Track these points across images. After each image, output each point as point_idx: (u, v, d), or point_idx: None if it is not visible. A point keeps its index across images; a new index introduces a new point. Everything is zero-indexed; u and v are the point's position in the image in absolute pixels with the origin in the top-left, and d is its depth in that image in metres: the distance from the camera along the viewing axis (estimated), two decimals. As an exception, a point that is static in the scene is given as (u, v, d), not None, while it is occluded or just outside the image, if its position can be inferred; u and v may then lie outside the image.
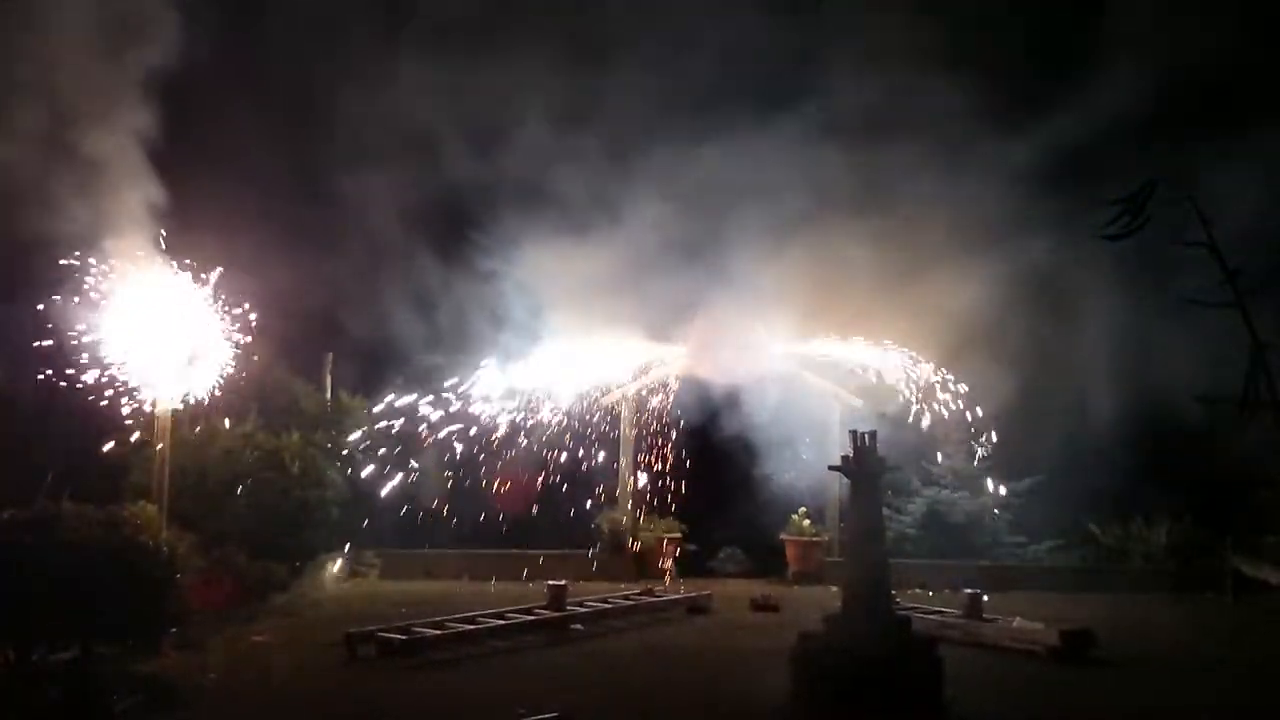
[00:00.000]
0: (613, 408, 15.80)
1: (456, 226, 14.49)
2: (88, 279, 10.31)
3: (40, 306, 10.40)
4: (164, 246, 10.66)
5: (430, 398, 14.23)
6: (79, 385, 10.37)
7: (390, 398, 14.47)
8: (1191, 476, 13.98)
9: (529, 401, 14.64)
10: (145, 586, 8.47)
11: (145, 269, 10.55)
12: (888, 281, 13.48)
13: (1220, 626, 12.20)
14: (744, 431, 14.70)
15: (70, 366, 10.28)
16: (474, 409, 14.28)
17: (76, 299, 10.18)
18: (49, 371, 10.27)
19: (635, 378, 15.71)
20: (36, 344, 10.33)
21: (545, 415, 14.81)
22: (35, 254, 10.20)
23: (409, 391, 14.47)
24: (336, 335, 14.95)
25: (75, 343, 10.26)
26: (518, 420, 14.56)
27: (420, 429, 14.16)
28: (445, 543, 15.02)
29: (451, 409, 14.14)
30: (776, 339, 15.00)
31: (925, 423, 14.91)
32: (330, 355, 15.29)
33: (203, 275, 10.96)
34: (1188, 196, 2.46)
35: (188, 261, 10.88)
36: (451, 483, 14.59)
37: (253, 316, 11.25)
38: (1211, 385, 2.80)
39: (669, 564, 15.63)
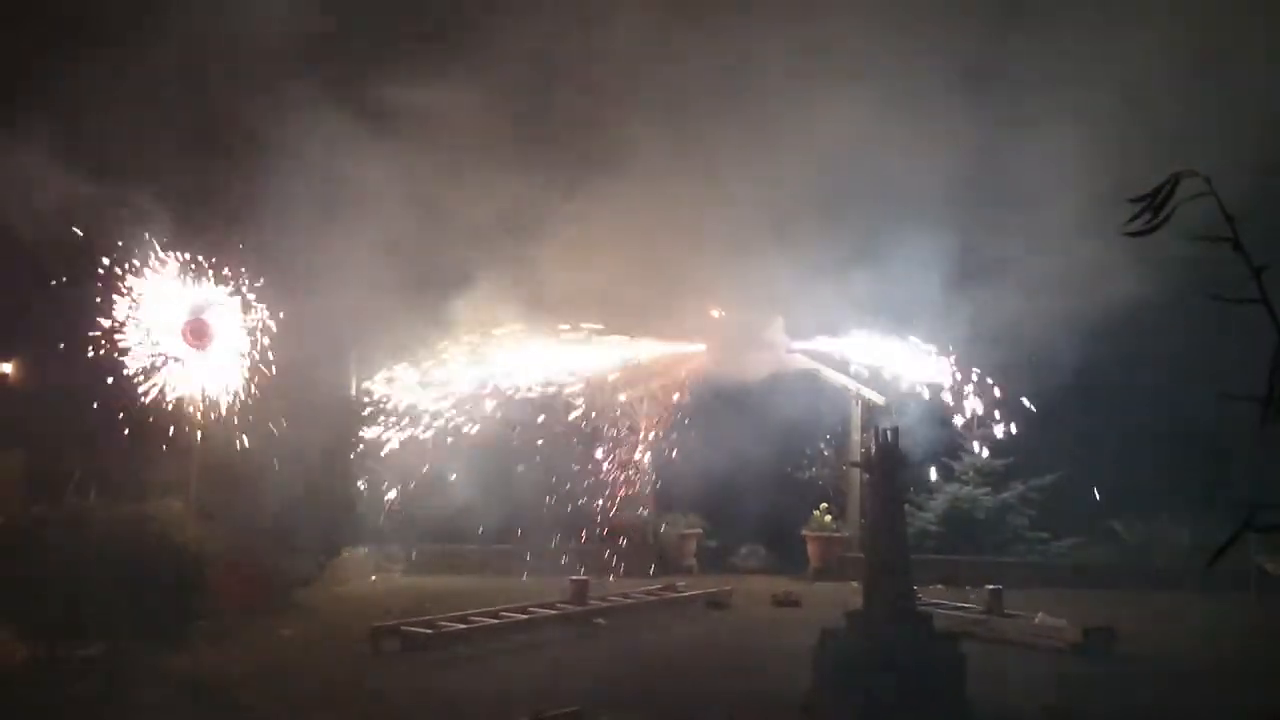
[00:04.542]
0: (634, 404, 15.82)
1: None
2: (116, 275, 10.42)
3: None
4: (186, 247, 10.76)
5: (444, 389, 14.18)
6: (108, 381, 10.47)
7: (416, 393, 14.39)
8: (1215, 474, 13.89)
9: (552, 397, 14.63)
10: (172, 582, 8.57)
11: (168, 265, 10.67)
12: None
13: (1243, 625, 12.12)
14: (766, 428, 14.69)
15: (100, 362, 10.39)
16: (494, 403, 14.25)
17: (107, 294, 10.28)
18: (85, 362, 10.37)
19: (656, 374, 15.71)
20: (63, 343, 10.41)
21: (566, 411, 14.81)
22: (69, 252, 10.32)
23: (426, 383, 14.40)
24: (361, 328, 14.89)
25: (105, 338, 10.37)
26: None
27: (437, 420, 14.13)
28: (469, 538, 15.07)
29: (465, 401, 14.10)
30: (797, 335, 15.01)
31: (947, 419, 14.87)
32: (355, 350, 15.36)
33: (224, 269, 11.05)
34: (1211, 191, 2.46)
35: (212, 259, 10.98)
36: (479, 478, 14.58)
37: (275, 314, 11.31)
38: (1236, 382, 2.80)
39: (690, 560, 15.68)
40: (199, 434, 11.10)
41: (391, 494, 14.25)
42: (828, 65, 12.09)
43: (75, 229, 10.20)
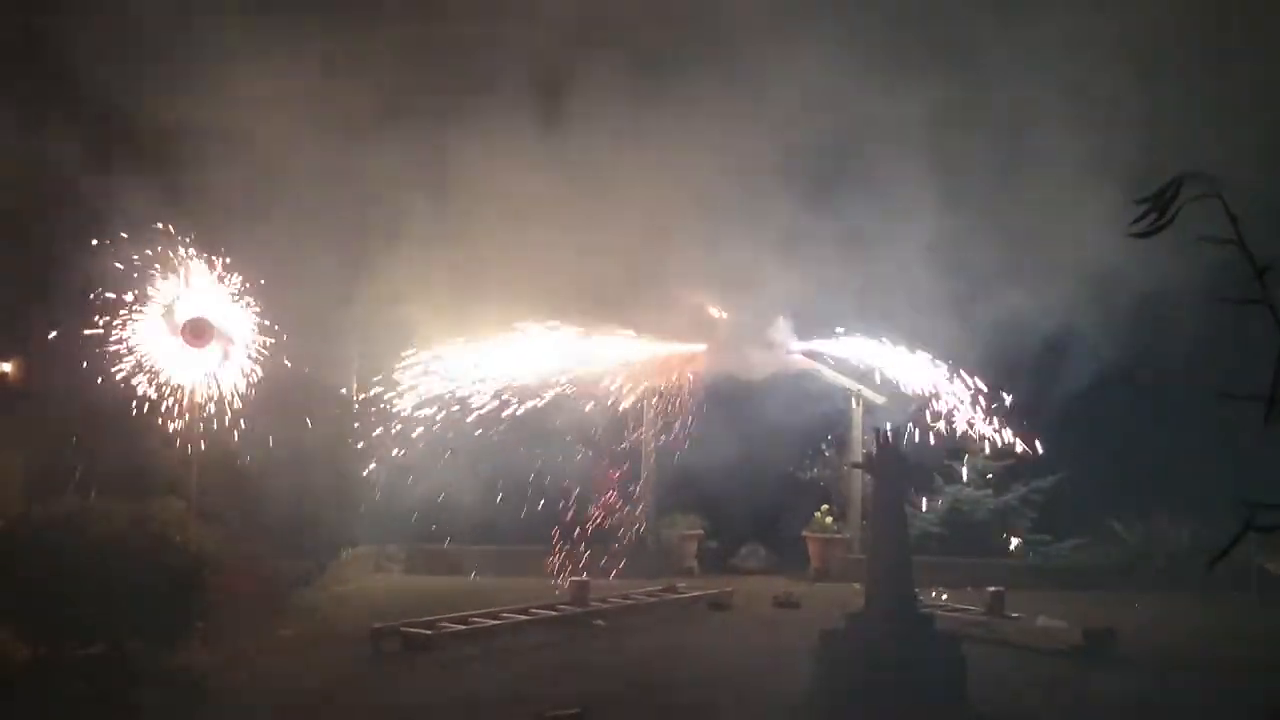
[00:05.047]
0: (635, 404, 15.79)
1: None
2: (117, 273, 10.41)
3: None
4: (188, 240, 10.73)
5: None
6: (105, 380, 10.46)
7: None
8: (1216, 474, 13.86)
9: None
10: (172, 582, 8.56)
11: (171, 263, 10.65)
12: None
13: (1245, 625, 12.11)
14: (767, 428, 14.67)
15: (101, 360, 10.37)
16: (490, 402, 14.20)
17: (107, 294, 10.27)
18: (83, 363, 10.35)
19: (657, 373, 15.69)
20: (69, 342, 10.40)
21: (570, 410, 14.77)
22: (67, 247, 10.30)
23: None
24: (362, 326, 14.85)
25: (105, 337, 10.36)
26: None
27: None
28: (469, 538, 15.05)
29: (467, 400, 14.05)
30: (799, 336, 14.99)
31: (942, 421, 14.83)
32: (356, 350, 15.33)
33: (225, 267, 11.02)
34: (1215, 193, 2.46)
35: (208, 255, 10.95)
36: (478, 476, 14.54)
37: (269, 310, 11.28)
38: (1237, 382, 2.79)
39: (691, 561, 15.66)
40: (199, 433, 11.06)
41: (390, 494, 14.22)
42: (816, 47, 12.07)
43: (75, 225, 10.18)
